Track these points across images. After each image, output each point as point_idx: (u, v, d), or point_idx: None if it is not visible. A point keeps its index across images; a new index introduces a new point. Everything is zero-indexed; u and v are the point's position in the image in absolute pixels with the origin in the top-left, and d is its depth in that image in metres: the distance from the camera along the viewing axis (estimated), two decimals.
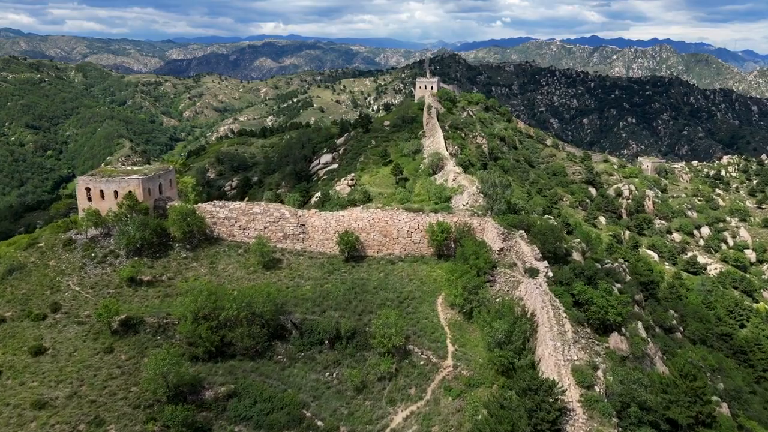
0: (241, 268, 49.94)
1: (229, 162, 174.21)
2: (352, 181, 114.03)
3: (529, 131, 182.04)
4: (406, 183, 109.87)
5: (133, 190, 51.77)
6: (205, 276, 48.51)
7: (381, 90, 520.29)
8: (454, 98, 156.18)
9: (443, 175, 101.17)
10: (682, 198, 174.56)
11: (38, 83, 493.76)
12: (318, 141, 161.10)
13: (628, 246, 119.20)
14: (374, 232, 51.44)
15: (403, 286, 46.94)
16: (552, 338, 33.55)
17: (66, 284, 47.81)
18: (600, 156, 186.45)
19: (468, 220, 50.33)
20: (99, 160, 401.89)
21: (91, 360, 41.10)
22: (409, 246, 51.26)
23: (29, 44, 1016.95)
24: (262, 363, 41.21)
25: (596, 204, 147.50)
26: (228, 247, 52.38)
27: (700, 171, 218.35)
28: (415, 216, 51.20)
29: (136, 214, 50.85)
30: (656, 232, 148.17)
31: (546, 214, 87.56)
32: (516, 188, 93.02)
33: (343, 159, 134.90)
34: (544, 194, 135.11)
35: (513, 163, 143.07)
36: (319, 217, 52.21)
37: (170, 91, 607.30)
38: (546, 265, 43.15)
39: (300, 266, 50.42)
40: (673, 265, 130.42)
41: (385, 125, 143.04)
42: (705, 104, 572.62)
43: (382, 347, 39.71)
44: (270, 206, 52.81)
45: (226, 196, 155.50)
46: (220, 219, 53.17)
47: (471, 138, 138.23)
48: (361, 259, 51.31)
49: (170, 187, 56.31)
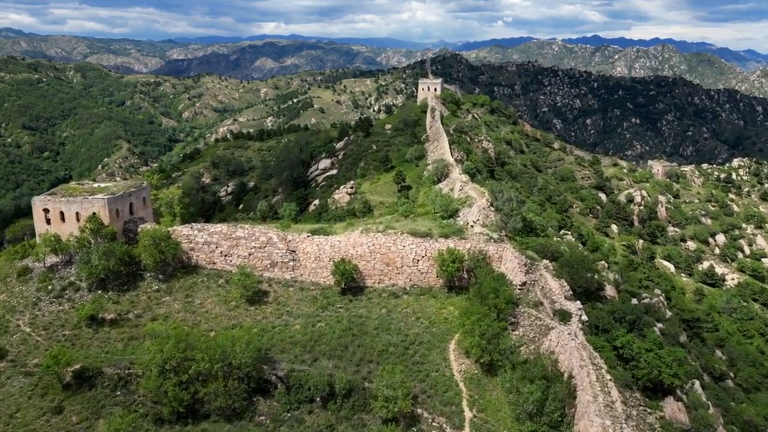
0: (221, 302, 43.14)
1: (224, 166, 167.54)
2: (351, 189, 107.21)
3: (536, 134, 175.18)
4: (408, 191, 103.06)
5: (98, 212, 44.72)
6: (178, 313, 41.66)
7: (382, 90, 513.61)
8: (459, 100, 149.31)
9: (449, 184, 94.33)
10: (695, 203, 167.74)
11: (36, 84, 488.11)
12: (317, 145, 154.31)
13: (644, 257, 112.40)
14: (375, 259, 44.66)
15: (408, 326, 40.04)
16: (597, 413, 26.73)
17: (16, 324, 40.85)
18: (609, 160, 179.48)
19: (483, 247, 43.45)
20: (96, 162, 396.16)
21: (36, 423, 34.11)
22: (415, 276, 44.46)
23: (30, 44, 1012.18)
24: (241, 425, 34.16)
25: (607, 211, 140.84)
26: (207, 277, 45.58)
27: (710, 174, 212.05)
28: (423, 242, 44.28)
29: (101, 239, 44.11)
30: (670, 241, 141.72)
31: (562, 229, 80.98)
32: (527, 200, 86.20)
33: (342, 164, 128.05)
34: (554, 201, 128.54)
35: (520, 168, 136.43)
36: (311, 243, 45.40)
37: (169, 92, 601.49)
38: (579, 306, 36.07)
39: (289, 300, 43.61)
40: (690, 276, 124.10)
41: (386, 129, 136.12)
42: (709, 104, 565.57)
43: (385, 411, 32.71)
44: (255, 230, 46.01)
45: (221, 202, 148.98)
46: (198, 244, 46.42)
47: (477, 142, 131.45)
48: (360, 291, 44.53)
49: (143, 207, 49.43)
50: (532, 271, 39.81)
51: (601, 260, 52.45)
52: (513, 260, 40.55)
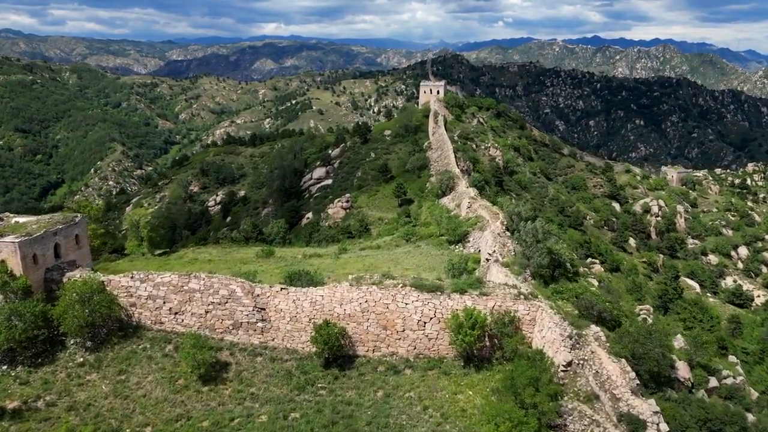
0: (165, 381, 32.59)
1: (214, 173, 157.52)
2: (347, 203, 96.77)
3: (544, 139, 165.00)
4: (410, 206, 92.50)
5: (7, 259, 34.32)
6: (105, 399, 31.24)
7: (382, 91, 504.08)
8: (463, 104, 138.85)
9: (455, 198, 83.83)
10: (714, 213, 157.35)
11: (30, 85, 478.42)
12: (312, 151, 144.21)
13: (668, 277, 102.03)
14: (369, 321, 34.24)
15: (413, 420, 29.57)
16: None
17: None
18: (621, 166, 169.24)
19: (511, 306, 32.93)
20: (89, 165, 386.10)
21: None
22: (421, 343, 33.96)
23: (28, 45, 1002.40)
24: None
25: (623, 222, 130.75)
26: (151, 342, 35.01)
27: (724, 180, 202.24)
28: (431, 298, 33.70)
29: (12, 295, 33.68)
30: (690, 254, 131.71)
31: (589, 257, 70.66)
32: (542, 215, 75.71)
33: (338, 174, 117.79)
34: (567, 213, 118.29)
35: (530, 177, 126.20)
36: (286, 298, 34.92)
37: (166, 93, 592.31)
38: (655, 409, 25.38)
39: (255, 375, 33.14)
40: (715, 294, 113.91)
41: (385, 135, 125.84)
42: (714, 105, 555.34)
43: None
44: (214, 280, 35.52)
45: (209, 213, 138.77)
46: (141, 298, 35.96)
47: (483, 150, 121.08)
48: (350, 362, 34.05)
49: (76, 247, 38.69)
50: (579, 346, 29.21)
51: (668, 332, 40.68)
52: (552, 328, 29.90)
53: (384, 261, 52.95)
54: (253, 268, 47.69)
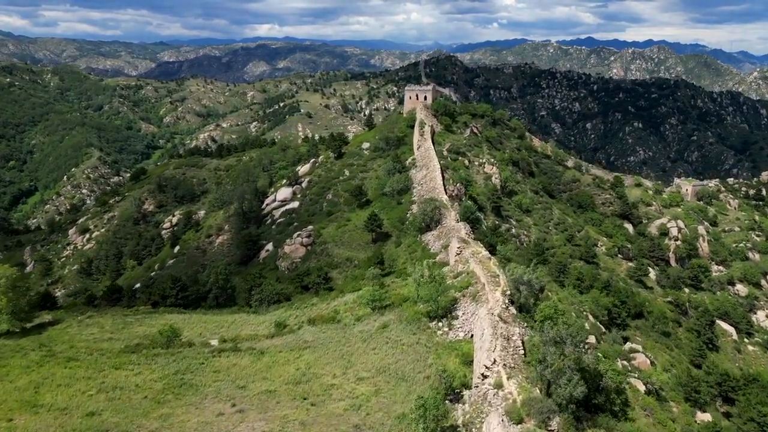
0: None
1: (172, 190, 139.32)
2: (308, 238, 79.49)
3: (546, 150, 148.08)
4: (386, 243, 75.59)
5: None
6: None
7: (373, 94, 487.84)
8: (454, 111, 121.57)
9: (441, 236, 66.68)
10: (738, 233, 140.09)
11: (7, 88, 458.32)
12: (283, 165, 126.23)
13: (703, 323, 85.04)
14: None
15: None
16: None
17: None
18: (631, 179, 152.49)
19: None
20: (63, 172, 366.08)
21: None
22: None
23: (17, 47, 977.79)
24: None
25: (638, 248, 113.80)
26: None
27: (737, 190, 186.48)
28: None
29: None
30: (716, 284, 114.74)
31: (627, 340, 53.54)
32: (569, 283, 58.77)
33: (306, 195, 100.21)
34: (576, 242, 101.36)
35: (531, 197, 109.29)
36: None
37: (151, 96, 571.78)
38: None
39: None
40: (749, 336, 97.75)
41: (363, 149, 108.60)
42: (713, 107, 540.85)
43: None
44: None
45: (161, 237, 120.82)
46: None
47: (477, 166, 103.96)
48: None
49: None
50: None
51: None
52: None
53: (330, 360, 35.97)
54: (121, 381, 30.55)
